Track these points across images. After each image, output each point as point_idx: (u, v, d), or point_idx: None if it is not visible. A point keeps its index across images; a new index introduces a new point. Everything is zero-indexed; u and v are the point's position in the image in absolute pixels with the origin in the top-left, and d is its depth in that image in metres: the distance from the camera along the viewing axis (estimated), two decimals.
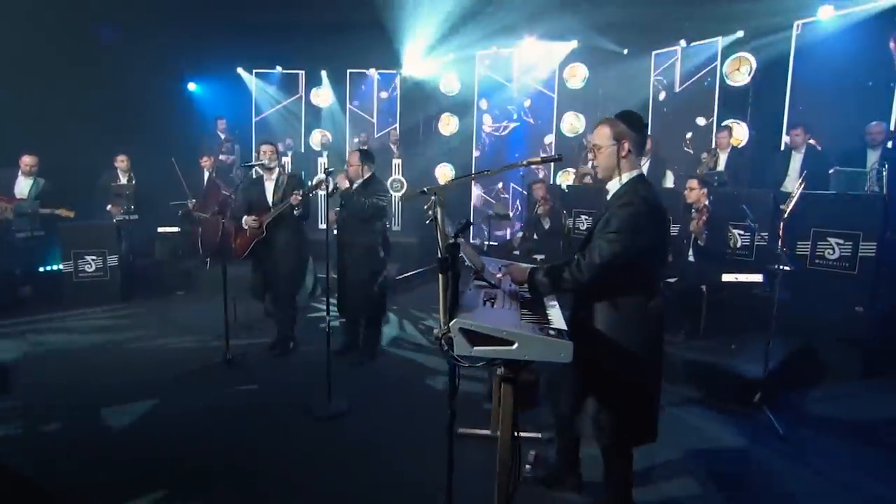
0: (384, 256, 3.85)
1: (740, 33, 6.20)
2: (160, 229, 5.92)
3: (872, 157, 4.76)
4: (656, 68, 7.27)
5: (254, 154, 7.07)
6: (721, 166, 5.75)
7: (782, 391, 3.36)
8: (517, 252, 5.59)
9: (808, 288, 4.00)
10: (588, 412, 1.90)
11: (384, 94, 9.45)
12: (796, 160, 5.31)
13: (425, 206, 1.78)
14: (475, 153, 9.02)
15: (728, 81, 6.43)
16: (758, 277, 3.45)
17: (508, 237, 6.71)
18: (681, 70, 6.97)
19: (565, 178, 8.04)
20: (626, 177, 1.95)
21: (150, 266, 6.31)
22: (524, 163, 2.04)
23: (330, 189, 3.56)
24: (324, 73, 9.18)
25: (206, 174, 6.77)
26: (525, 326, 1.53)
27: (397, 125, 9.18)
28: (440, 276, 1.68)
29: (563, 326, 1.59)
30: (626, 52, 7.39)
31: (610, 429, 1.87)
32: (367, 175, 3.73)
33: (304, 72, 9.24)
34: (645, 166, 6.55)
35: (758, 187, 5.32)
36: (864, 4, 5.28)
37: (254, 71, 9.09)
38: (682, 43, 6.79)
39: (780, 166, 5.42)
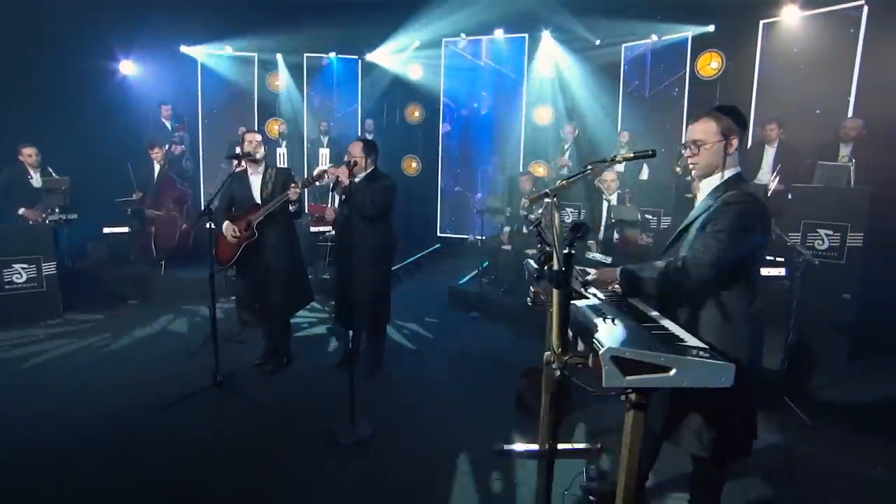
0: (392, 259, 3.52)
1: (711, 27, 6.37)
2: (106, 230, 5.15)
3: (844, 151, 5.05)
4: (626, 60, 7.36)
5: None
6: None
7: (796, 382, 3.45)
8: (508, 247, 5.42)
9: (801, 277, 4.16)
10: (691, 425, 1.76)
11: (344, 81, 8.92)
12: (769, 154, 5.55)
13: (523, 212, 1.53)
14: (441, 143, 8.77)
15: (699, 75, 6.62)
16: (780, 271, 3.51)
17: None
18: (651, 63, 7.10)
19: (536, 170, 8.00)
20: (727, 174, 1.82)
21: (93, 272, 5.51)
22: (618, 158, 1.84)
23: (329, 182, 3.22)
24: (279, 57, 8.49)
25: (157, 167, 6.00)
26: (673, 349, 1.34)
27: (372, 120, 8.69)
28: (556, 292, 1.45)
29: (699, 343, 1.42)
30: (598, 42, 7.41)
31: (712, 441, 1.74)
32: (370, 168, 3.37)
33: (256, 55, 8.47)
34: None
35: None
36: (825, 7, 5.58)
37: (200, 52, 8.20)
38: (654, 37, 6.90)
39: (754, 160, 5.65)
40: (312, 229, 6.23)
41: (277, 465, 2.52)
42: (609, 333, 1.39)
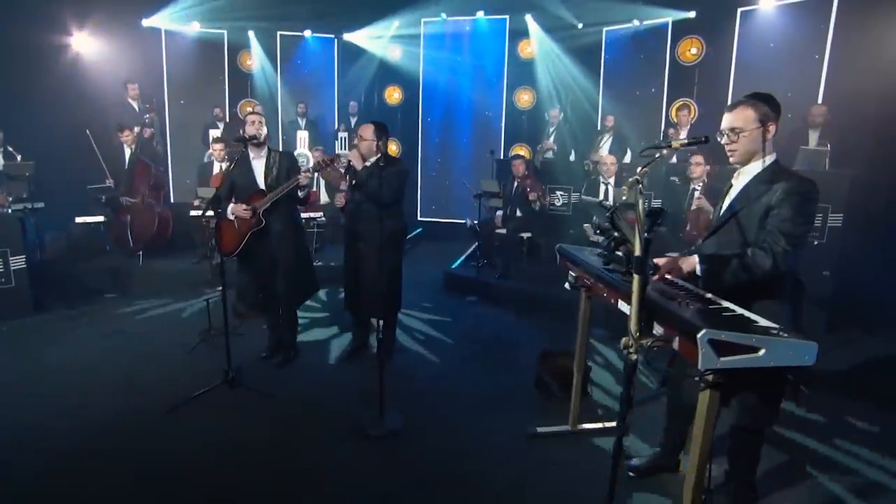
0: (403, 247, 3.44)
1: (692, 13, 6.52)
2: (79, 219, 4.78)
3: (813, 136, 5.33)
4: (608, 44, 7.43)
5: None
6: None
7: None
8: (503, 231, 5.44)
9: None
10: (738, 399, 1.82)
11: (320, 61, 8.58)
12: None
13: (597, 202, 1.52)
14: (421, 125, 8.62)
15: (679, 60, 6.78)
16: None
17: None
18: (632, 47, 7.20)
19: (518, 153, 8.03)
20: (768, 159, 1.87)
21: (64, 265, 5.13)
22: (674, 145, 1.85)
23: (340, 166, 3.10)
24: (251, 35, 8.05)
25: (128, 151, 5.62)
26: (758, 330, 1.38)
27: (355, 102, 8.42)
28: (636, 277, 1.46)
29: (771, 324, 1.47)
30: (580, 26, 7.43)
31: (757, 412, 1.82)
32: (381, 151, 3.27)
33: (226, 32, 8.00)
34: (606, 143, 6.75)
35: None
36: None
37: (163, 28, 7.65)
38: (636, 22, 6.99)
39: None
40: (303, 215, 6.03)
41: (309, 460, 2.44)
42: (695, 317, 1.42)
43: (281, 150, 3.55)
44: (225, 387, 3.05)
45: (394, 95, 8.80)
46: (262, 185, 3.23)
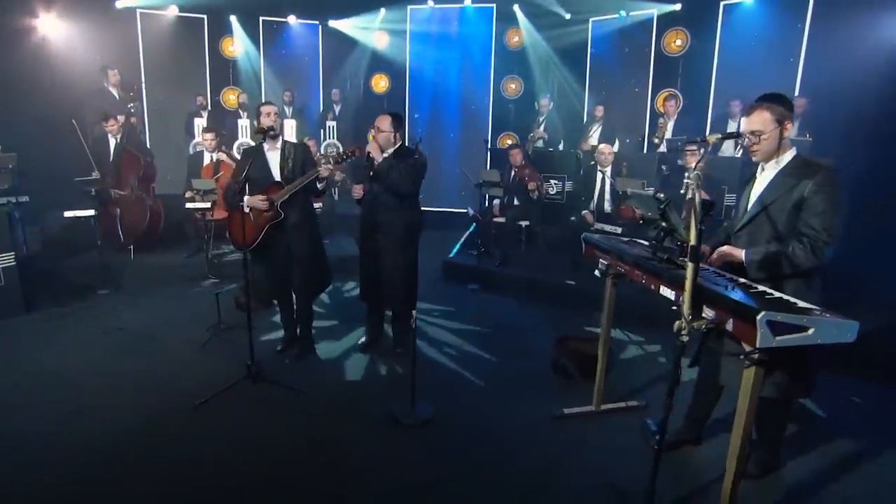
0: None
1: (678, 6, 6.69)
2: (68, 213, 4.59)
3: (794, 126, 5.60)
4: (594, 34, 7.56)
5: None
6: (669, 132, 6.30)
7: None
8: (502, 219, 5.53)
9: None
10: (770, 373, 1.97)
11: (304, 48, 8.39)
12: (732, 127, 6.04)
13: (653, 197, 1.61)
14: (408, 114, 8.57)
15: (665, 51, 6.96)
16: None
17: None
18: (619, 38, 7.35)
19: (504, 142, 8.14)
20: (788, 155, 2.01)
21: (48, 261, 4.94)
22: (710, 140, 1.95)
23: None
24: (234, 19, 7.79)
25: (112, 141, 5.40)
26: (803, 311, 1.51)
27: (338, 89, 8.29)
28: (690, 265, 1.56)
29: (811, 305, 1.60)
30: (568, 17, 7.52)
31: (787, 385, 1.97)
32: (398, 143, 3.29)
33: (206, 17, 7.71)
34: (596, 133, 6.90)
35: None
36: None
37: (138, 10, 7.32)
38: (622, 13, 7.12)
39: (719, 132, 6.13)
40: None
41: (347, 451, 2.48)
42: (749, 300, 1.54)
43: (293, 141, 3.49)
44: (248, 381, 3.04)
45: (380, 84, 8.71)
46: (277, 178, 3.21)
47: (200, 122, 7.22)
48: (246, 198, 3.14)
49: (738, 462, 1.70)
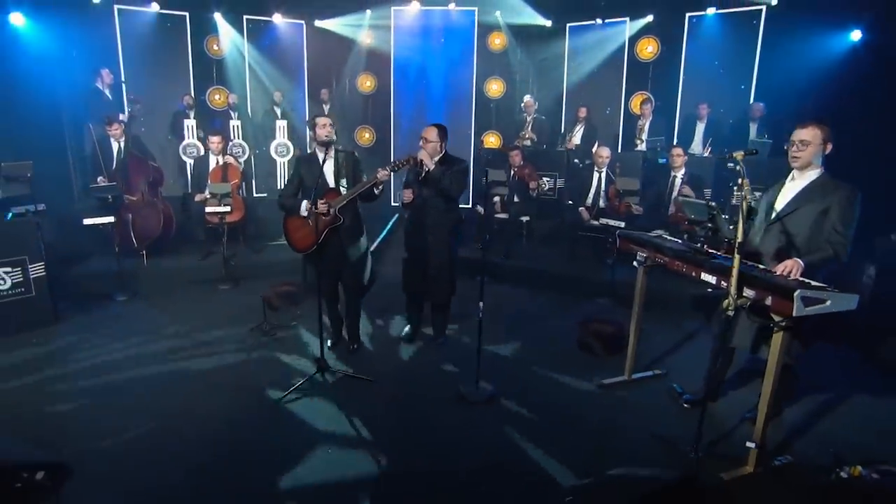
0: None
1: (650, 17, 7.34)
2: (87, 221, 4.58)
3: (753, 129, 6.39)
4: (572, 40, 8.10)
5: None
6: (646, 133, 6.96)
7: None
8: (504, 216, 5.97)
9: None
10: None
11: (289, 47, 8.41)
12: (700, 129, 6.79)
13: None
14: (392, 114, 8.81)
15: (637, 57, 7.61)
16: None
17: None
18: (596, 44, 7.93)
19: (488, 140, 8.62)
20: (816, 172, 2.52)
21: (64, 269, 4.89)
22: (736, 156, 2.42)
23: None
24: (218, 17, 7.71)
25: (116, 145, 5.38)
26: (817, 288, 2.05)
27: (326, 89, 8.38)
28: (737, 257, 2.06)
29: (821, 283, 2.14)
30: (549, 24, 8.01)
31: (796, 351, 2.53)
32: (443, 151, 3.63)
33: (188, 14, 7.60)
34: (578, 134, 7.47)
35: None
36: (735, 8, 6.80)
37: (116, 6, 7.11)
38: (598, 20, 7.70)
39: (688, 133, 6.87)
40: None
41: (429, 431, 2.83)
42: (783, 281, 2.05)
43: (342, 149, 3.73)
44: (319, 374, 3.31)
45: (366, 83, 8.89)
46: (332, 185, 3.47)
47: (189, 123, 7.16)
48: (304, 204, 3.39)
49: (768, 407, 2.23)
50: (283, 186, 4.21)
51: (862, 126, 5.08)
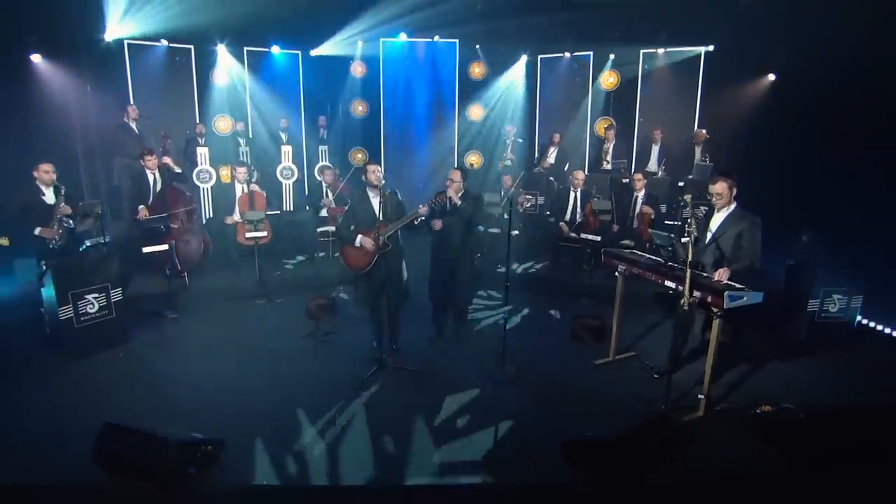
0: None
1: (612, 56, 8.57)
2: (146, 249, 5.24)
3: (697, 151, 7.69)
4: (543, 71, 9.24)
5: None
6: (610, 154, 8.15)
7: None
8: (497, 230, 6.99)
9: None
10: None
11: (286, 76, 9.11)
12: (655, 151, 8.06)
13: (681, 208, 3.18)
14: (382, 136, 9.66)
15: (601, 87, 8.82)
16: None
17: None
18: (563, 74, 9.11)
19: (469, 159, 9.65)
20: (734, 205, 3.67)
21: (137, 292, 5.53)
22: (688, 198, 3.51)
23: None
24: (221, 49, 8.33)
25: (151, 176, 5.99)
26: (738, 288, 3.16)
27: (324, 115, 9.13)
28: (689, 270, 3.15)
29: (738, 284, 3.25)
30: (525, 57, 9.12)
31: (732, 332, 3.67)
32: (464, 189, 4.57)
33: (193, 47, 8.18)
34: (552, 156, 8.60)
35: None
36: (679, 47, 8.12)
37: (126, 42, 7.62)
38: (567, 54, 8.88)
39: (643, 155, 8.15)
40: (319, 229, 6.94)
41: (484, 408, 3.73)
42: (717, 285, 3.15)
43: (389, 189, 4.54)
44: (381, 370, 4.19)
45: (359, 109, 9.70)
46: (380, 217, 4.35)
47: (202, 150, 7.74)
48: (359, 236, 4.26)
49: (712, 370, 3.34)
50: (339, 220, 5.03)
51: (782, 141, 6.45)
